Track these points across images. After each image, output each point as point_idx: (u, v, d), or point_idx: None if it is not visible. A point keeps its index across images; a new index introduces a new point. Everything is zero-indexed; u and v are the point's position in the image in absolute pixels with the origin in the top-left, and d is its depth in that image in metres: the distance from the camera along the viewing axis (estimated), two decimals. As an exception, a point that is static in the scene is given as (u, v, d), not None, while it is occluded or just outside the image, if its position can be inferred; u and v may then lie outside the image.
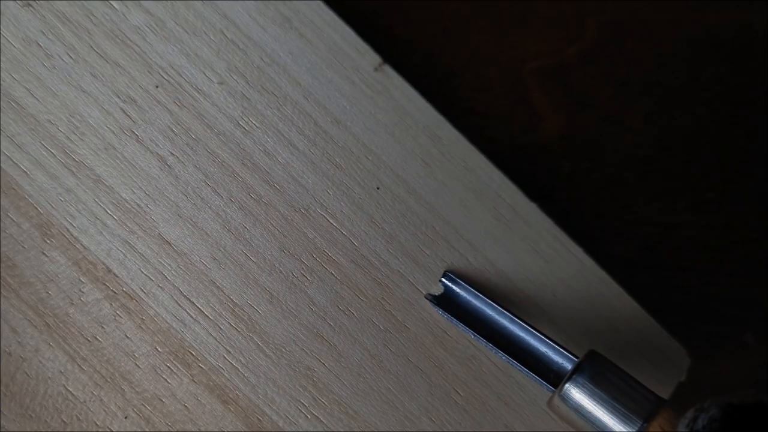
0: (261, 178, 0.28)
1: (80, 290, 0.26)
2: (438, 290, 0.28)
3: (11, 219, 0.26)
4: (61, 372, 0.26)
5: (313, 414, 0.27)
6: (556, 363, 0.26)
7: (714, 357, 0.33)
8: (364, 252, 0.28)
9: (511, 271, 0.29)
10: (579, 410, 0.24)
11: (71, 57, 0.27)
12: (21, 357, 0.26)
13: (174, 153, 0.27)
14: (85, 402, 0.26)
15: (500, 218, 0.29)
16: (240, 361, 0.27)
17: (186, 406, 0.27)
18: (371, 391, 0.27)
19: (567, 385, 0.24)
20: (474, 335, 0.27)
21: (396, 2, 0.31)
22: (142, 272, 0.27)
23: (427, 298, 0.27)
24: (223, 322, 0.27)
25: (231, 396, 0.27)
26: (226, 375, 0.27)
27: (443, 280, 0.28)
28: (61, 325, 0.26)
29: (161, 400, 0.26)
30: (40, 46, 0.27)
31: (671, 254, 0.33)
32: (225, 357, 0.27)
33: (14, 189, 0.26)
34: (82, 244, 0.27)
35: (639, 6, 0.32)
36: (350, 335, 0.27)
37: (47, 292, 0.26)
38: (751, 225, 0.33)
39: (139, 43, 0.27)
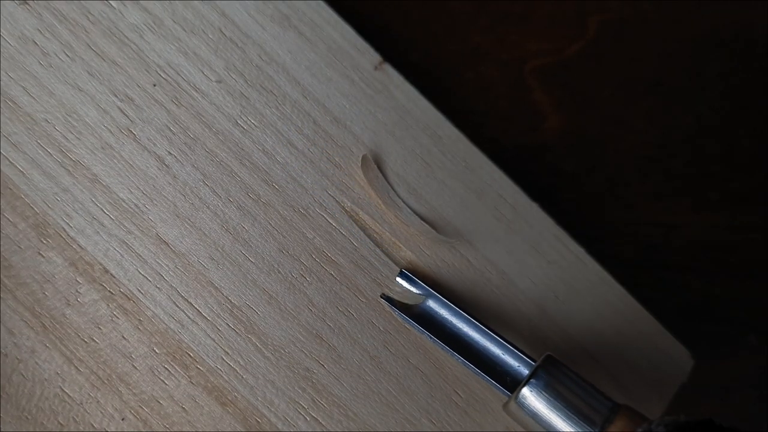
0: (260, 178, 0.27)
1: (77, 291, 0.26)
2: (395, 290, 0.27)
3: (7, 219, 0.26)
4: (57, 373, 0.26)
5: (313, 416, 0.27)
6: (513, 367, 0.26)
7: (717, 358, 0.33)
8: (364, 252, 0.28)
9: (513, 271, 0.28)
10: (535, 416, 0.23)
11: (68, 55, 0.27)
12: (17, 358, 0.26)
13: (172, 152, 0.27)
14: (81, 404, 0.26)
15: (501, 218, 0.28)
16: (238, 362, 0.27)
17: (184, 408, 0.26)
18: (371, 393, 0.27)
19: (523, 391, 0.24)
20: (430, 337, 0.26)
21: (396, 0, 0.31)
22: (140, 273, 0.26)
23: (382, 298, 0.27)
24: (222, 323, 0.27)
25: (229, 398, 0.26)
26: (225, 376, 0.26)
27: (399, 279, 0.27)
28: (57, 326, 0.26)
29: (159, 402, 0.26)
30: (37, 44, 0.27)
31: (673, 255, 0.33)
32: (223, 358, 0.27)
33: (10, 189, 0.26)
34: (78, 245, 0.26)
35: (641, 5, 0.32)
36: (350, 336, 0.27)
37: (44, 293, 0.26)
38: (754, 225, 0.33)
39: (136, 41, 0.27)
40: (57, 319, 0.26)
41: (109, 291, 0.26)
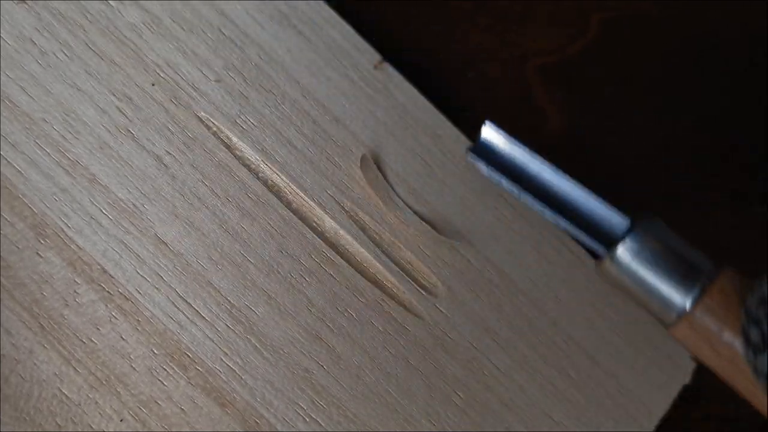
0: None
1: (75, 291, 0.26)
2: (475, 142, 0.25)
3: (5, 219, 0.26)
4: (55, 374, 0.26)
5: (312, 417, 0.27)
6: (605, 223, 0.23)
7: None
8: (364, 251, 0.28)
9: (513, 272, 0.28)
10: (632, 274, 0.22)
11: (66, 54, 0.27)
12: (15, 359, 0.26)
13: (170, 152, 0.27)
14: (80, 405, 0.26)
15: (502, 218, 0.28)
16: (237, 363, 0.26)
17: (182, 409, 0.26)
18: (371, 394, 0.27)
19: (620, 248, 0.22)
20: (519, 191, 0.24)
21: (396, 0, 0.31)
22: (138, 273, 0.26)
23: (468, 150, 0.24)
24: (221, 323, 0.27)
25: (228, 399, 0.26)
26: (224, 377, 0.26)
27: (484, 129, 0.24)
28: (55, 326, 0.26)
29: (157, 403, 0.26)
30: (35, 43, 0.26)
31: (675, 255, 0.33)
32: (222, 359, 0.26)
33: (8, 188, 0.26)
34: (77, 245, 0.26)
35: (642, 3, 0.32)
36: (349, 337, 0.27)
37: (42, 293, 0.26)
38: (756, 226, 0.33)
39: (135, 40, 0.27)
40: (55, 319, 0.26)
41: (108, 291, 0.26)
